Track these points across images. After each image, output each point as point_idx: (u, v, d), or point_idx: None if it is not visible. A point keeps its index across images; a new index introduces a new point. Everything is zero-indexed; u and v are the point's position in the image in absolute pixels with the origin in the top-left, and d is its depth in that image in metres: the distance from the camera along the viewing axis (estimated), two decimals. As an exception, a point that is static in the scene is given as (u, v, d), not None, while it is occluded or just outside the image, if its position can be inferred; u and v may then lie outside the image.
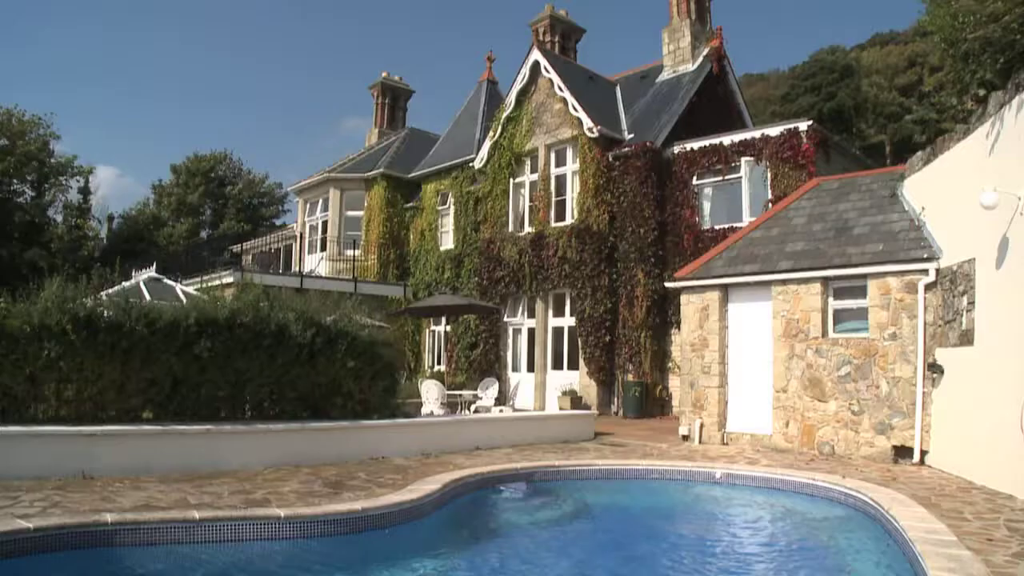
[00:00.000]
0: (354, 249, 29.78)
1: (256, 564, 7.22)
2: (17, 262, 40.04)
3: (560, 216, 23.82)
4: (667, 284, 17.02)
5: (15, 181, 44.63)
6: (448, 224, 28.79)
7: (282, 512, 7.74)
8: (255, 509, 7.85)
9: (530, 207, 24.88)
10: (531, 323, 24.61)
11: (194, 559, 7.02)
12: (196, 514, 7.39)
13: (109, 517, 7.02)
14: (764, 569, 7.70)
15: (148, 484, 8.95)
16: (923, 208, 12.53)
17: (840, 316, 13.18)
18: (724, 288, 14.78)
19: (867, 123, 51.11)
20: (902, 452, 11.92)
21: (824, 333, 13.15)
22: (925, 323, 11.77)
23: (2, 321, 9.52)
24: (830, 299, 13.23)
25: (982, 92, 10.23)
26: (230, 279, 23.86)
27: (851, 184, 14.90)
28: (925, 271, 11.82)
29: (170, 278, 19.34)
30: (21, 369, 9.71)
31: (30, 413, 10.00)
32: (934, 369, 11.40)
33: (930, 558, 6.05)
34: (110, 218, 55.74)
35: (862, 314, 12.77)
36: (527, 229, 24.70)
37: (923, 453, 11.65)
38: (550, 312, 24.03)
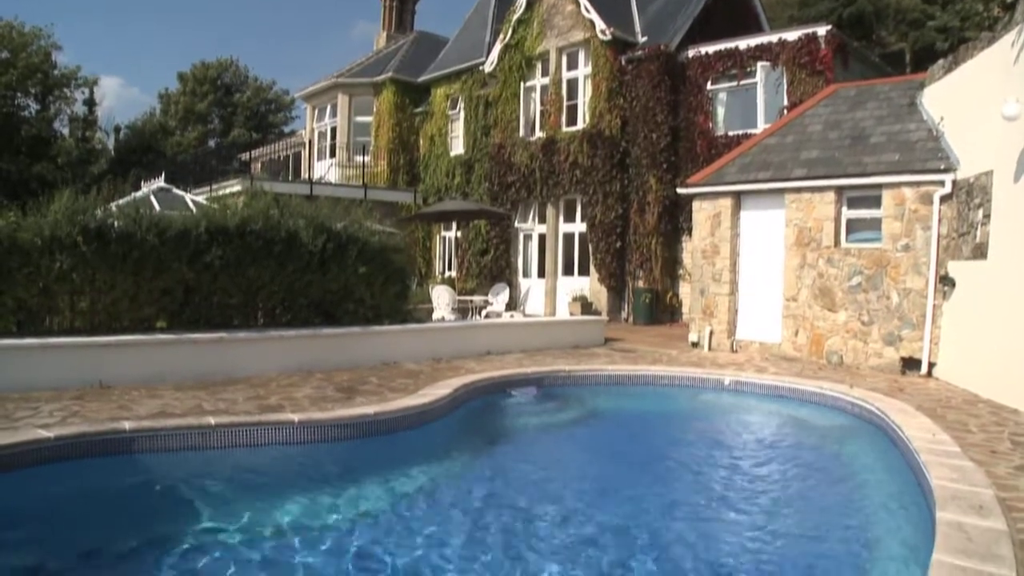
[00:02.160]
0: (363, 155, 29.51)
1: (271, 468, 7.37)
2: (26, 177, 39.85)
3: (572, 121, 23.48)
4: (679, 190, 16.87)
5: (19, 95, 44.04)
6: (458, 129, 28.44)
7: (296, 417, 7.88)
8: (269, 414, 7.99)
9: (541, 112, 24.51)
10: (542, 229, 24.54)
11: (210, 464, 7.18)
12: (212, 420, 7.53)
13: (127, 425, 7.17)
14: (770, 476, 7.82)
15: (163, 392, 9.10)
16: (942, 118, 12.28)
17: (853, 226, 13.07)
18: (737, 195, 14.65)
19: (888, 30, 49.66)
20: (910, 364, 11.97)
21: (836, 243, 13.08)
22: (939, 235, 11.67)
23: (13, 235, 9.53)
24: (843, 208, 13.11)
25: (1010, -2, 9.92)
26: (239, 187, 23.73)
27: (869, 92, 14.59)
28: (941, 182, 11.65)
29: (179, 188, 19.28)
30: (34, 282, 9.77)
31: (45, 326, 10.11)
32: (945, 282, 11.36)
33: (934, 468, 6.14)
34: (117, 129, 55.17)
35: (875, 224, 12.66)
36: (538, 134, 24.40)
37: (931, 365, 11.70)
38: (561, 218, 23.94)
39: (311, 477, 7.24)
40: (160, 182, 19.24)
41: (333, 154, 31.79)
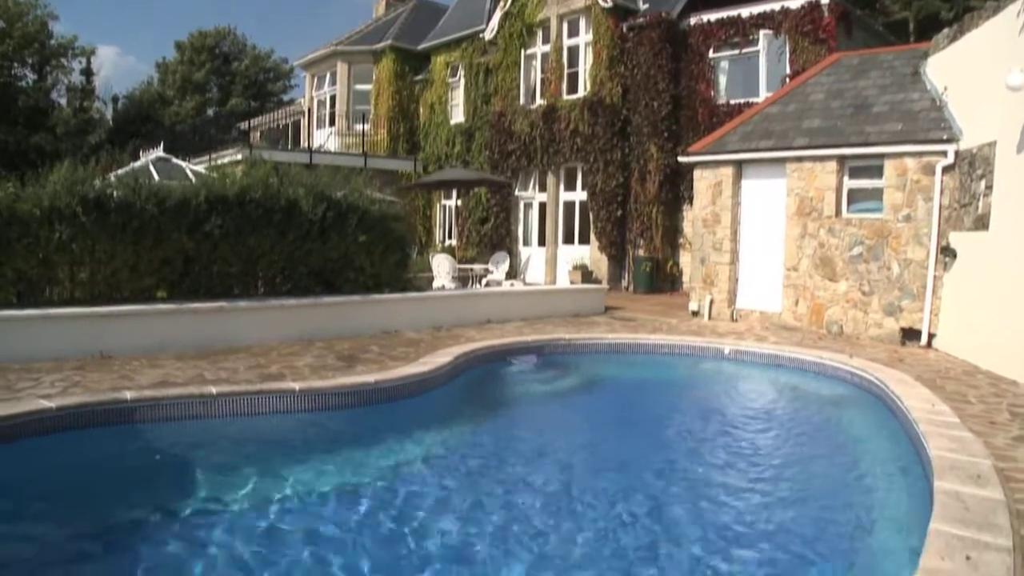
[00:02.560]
0: (363, 123, 29.35)
1: (272, 437, 7.42)
2: (23, 147, 39.68)
3: (572, 89, 23.34)
4: (680, 159, 16.79)
5: (15, 65, 43.80)
6: (458, 97, 28.27)
7: (297, 385, 7.90)
8: (270, 383, 8.02)
9: (542, 79, 24.36)
10: (542, 197, 24.49)
11: (211, 433, 7.21)
12: (213, 389, 7.55)
13: (128, 394, 7.18)
14: (769, 444, 7.87)
15: (164, 362, 9.12)
16: (945, 88, 12.19)
17: (855, 196, 13.02)
18: (738, 164, 14.59)
19: (891, -2, 49.26)
20: (910, 334, 11.98)
21: (838, 212, 13.04)
22: (941, 206, 11.61)
23: (12, 205, 9.50)
24: (845, 178, 13.05)
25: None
26: (239, 156, 23.63)
27: (872, 61, 14.48)
28: (944, 153, 11.58)
29: (178, 157, 19.16)
30: (34, 253, 9.75)
31: (45, 296, 10.11)
32: (947, 253, 11.33)
33: (932, 438, 6.16)
34: (115, 99, 54.84)
35: (877, 195, 12.61)
36: (539, 102, 24.26)
37: (931, 336, 11.71)
38: (561, 186, 23.87)
39: (312, 445, 7.27)
40: (159, 152, 19.11)
41: (333, 122, 31.64)
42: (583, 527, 5.48)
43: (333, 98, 31.83)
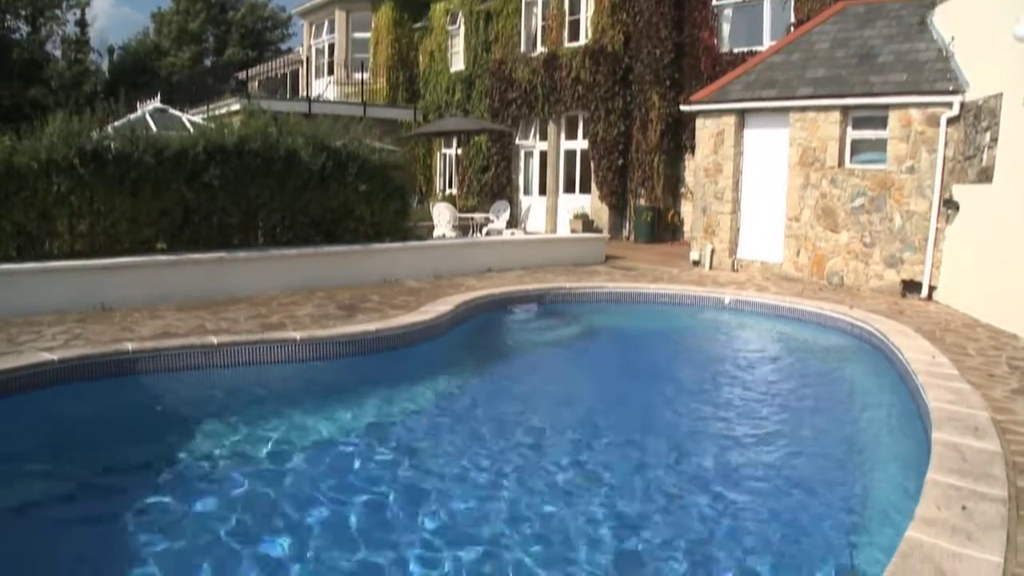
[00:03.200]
0: (362, 72, 29.05)
1: (274, 385, 7.47)
2: (19, 101, 39.26)
3: (574, 36, 23.02)
4: (682, 108, 16.64)
5: (8, 17, 43.16)
6: (458, 45, 27.88)
7: (298, 335, 7.95)
8: (271, 333, 8.07)
9: (542, 27, 24.03)
10: (543, 146, 24.32)
11: (213, 383, 7.27)
12: (214, 339, 7.59)
13: (130, 346, 7.22)
14: (767, 392, 7.91)
15: (166, 313, 9.14)
16: (952, 38, 12.00)
17: (858, 147, 12.90)
18: (741, 113, 14.46)
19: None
20: (910, 286, 11.95)
21: (840, 163, 12.93)
22: (945, 158, 11.49)
23: (9, 159, 9.40)
24: (849, 129, 12.92)
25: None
26: (237, 107, 23.40)
27: (879, 10, 14.22)
28: (949, 104, 11.41)
29: (176, 108, 19.03)
30: (32, 206, 9.69)
31: (45, 250, 10.04)
32: (949, 205, 11.26)
33: (931, 389, 6.19)
34: (110, 50, 54.13)
35: (880, 145, 12.49)
36: (539, 50, 23.96)
37: (931, 288, 11.68)
38: (562, 135, 23.69)
39: (314, 394, 7.35)
40: (156, 103, 19.00)
41: (331, 71, 31.31)
42: (584, 469, 5.57)
43: (332, 47, 31.43)
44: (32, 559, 4.32)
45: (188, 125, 15.02)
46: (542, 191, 24.36)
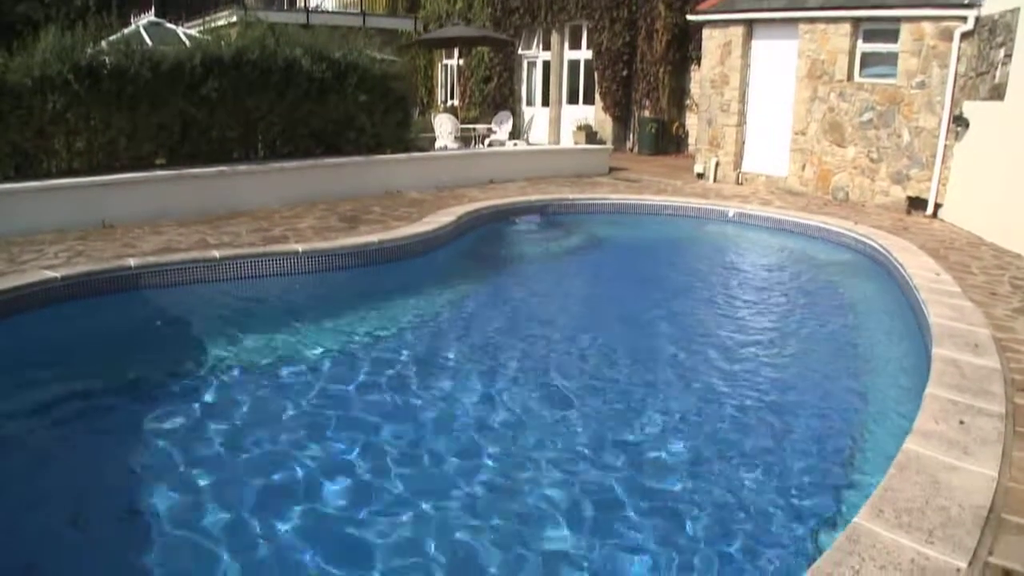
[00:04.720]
0: (361, -21, 28.36)
1: (277, 298, 7.54)
2: (9, 18, 38.29)
3: (579, -59, 22.44)
4: (689, 17, 16.29)
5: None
6: (460, -51, 27.20)
7: (300, 247, 7.98)
8: (273, 245, 8.10)
9: (547, -69, 23.40)
10: (546, 56, 23.88)
11: (216, 296, 7.32)
12: (216, 253, 7.62)
13: (132, 262, 7.23)
14: (768, 304, 7.97)
15: (167, 228, 9.11)
16: (970, -52, 11.66)
17: (868, 60, 12.60)
18: (749, 23, 14.14)
19: None
20: (916, 203, 11.83)
21: (850, 76, 12.67)
22: (956, 73, 11.20)
23: (2, 77, 9.21)
24: (859, 41, 12.61)
25: None
26: (233, 19, 22.81)
27: (894, -86, 13.80)
28: (964, 18, 11.08)
29: (170, 21, 18.65)
30: (28, 124, 9.53)
31: (44, 168, 9.94)
32: (959, 122, 11.04)
33: (933, 306, 6.21)
34: (101, -40, 52.76)
35: (891, 59, 12.19)
36: (544, -45, 23.38)
37: (937, 206, 11.56)
38: (566, 45, 23.23)
39: (316, 306, 7.42)
40: (150, 16, 18.59)
41: (329, -22, 30.55)
42: (586, 375, 5.69)
43: (329, -49, 30.62)
44: (48, 454, 4.52)
45: (184, 39, 14.74)
46: (545, 102, 24.02)
